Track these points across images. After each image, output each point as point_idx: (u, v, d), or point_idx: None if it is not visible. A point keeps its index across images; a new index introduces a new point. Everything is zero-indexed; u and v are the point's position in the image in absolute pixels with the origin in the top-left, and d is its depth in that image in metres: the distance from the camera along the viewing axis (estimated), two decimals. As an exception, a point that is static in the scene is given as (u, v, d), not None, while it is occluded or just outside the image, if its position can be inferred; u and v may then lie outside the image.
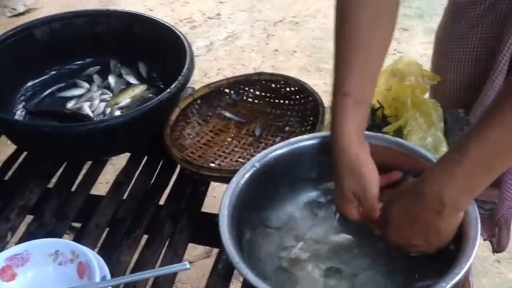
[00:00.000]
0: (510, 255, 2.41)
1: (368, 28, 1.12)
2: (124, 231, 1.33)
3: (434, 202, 1.00)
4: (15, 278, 1.16)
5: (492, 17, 1.42)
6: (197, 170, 1.36)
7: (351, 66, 1.13)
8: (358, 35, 1.13)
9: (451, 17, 1.54)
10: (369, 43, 1.13)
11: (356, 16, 1.13)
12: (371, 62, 1.14)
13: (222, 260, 1.24)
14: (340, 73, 1.14)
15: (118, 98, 1.67)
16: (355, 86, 1.12)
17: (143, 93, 1.67)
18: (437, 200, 1.00)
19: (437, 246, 1.06)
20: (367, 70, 1.14)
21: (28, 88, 1.69)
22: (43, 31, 1.68)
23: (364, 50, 1.13)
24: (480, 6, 1.44)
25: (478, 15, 1.45)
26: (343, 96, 1.12)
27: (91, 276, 1.11)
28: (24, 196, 1.43)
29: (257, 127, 1.55)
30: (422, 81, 1.48)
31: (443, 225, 1.03)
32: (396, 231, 1.08)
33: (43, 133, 1.40)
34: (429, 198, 1.00)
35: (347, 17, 1.14)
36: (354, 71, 1.13)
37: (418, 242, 1.06)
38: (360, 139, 1.13)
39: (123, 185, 1.45)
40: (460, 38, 1.50)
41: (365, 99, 1.15)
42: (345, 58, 1.14)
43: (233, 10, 4.06)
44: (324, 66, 3.48)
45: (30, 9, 4.15)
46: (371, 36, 1.13)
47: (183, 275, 2.37)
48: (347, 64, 1.13)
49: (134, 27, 1.70)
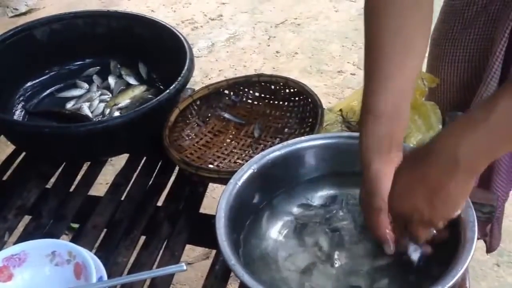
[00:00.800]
0: (510, 258, 2.41)
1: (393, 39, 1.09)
2: (122, 232, 1.33)
3: (447, 161, 0.91)
4: (12, 278, 1.16)
5: (485, 18, 1.43)
6: (196, 171, 1.35)
7: (373, 81, 1.11)
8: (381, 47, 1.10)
9: (445, 18, 1.54)
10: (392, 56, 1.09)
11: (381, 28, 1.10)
12: (396, 75, 1.10)
13: (219, 262, 1.24)
14: (364, 88, 1.12)
15: (118, 99, 1.67)
16: (377, 102, 1.09)
17: (143, 94, 1.67)
18: (451, 159, 0.91)
19: (442, 215, 0.98)
20: (391, 85, 1.10)
21: (28, 88, 1.69)
22: (43, 32, 1.69)
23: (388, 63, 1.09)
24: (472, 7, 1.44)
25: (470, 16, 1.45)
26: (366, 112, 1.10)
27: (87, 277, 1.11)
28: (22, 197, 1.43)
29: (256, 129, 1.55)
30: (421, 84, 1.48)
31: (453, 189, 0.93)
32: (400, 194, 1.00)
33: (42, 134, 1.40)
34: (442, 157, 0.92)
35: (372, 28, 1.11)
36: (376, 86, 1.10)
37: (423, 208, 0.97)
38: (383, 154, 1.08)
39: (121, 186, 1.45)
40: (453, 39, 1.51)
41: (390, 115, 1.09)
42: (368, 72, 1.11)
43: (235, 11, 4.06)
44: (325, 68, 3.47)
45: (32, 9, 4.15)
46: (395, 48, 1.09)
47: (181, 276, 2.37)
48: (369, 79, 1.11)
49: (134, 28, 1.70)
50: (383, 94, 1.09)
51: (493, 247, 1.67)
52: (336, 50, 3.62)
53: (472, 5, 1.44)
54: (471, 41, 1.47)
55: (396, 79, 1.09)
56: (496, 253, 2.40)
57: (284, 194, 1.26)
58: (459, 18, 1.48)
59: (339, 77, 3.37)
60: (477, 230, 1.05)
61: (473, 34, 1.46)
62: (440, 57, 1.56)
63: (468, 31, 1.47)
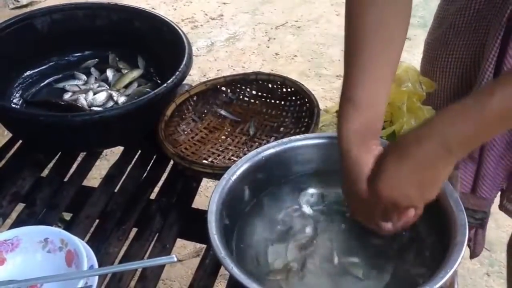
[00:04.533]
0: (500, 268, 2.42)
1: (373, 30, 1.11)
2: (114, 223, 1.34)
3: (437, 146, 0.96)
4: (4, 263, 1.17)
5: (477, 24, 1.44)
6: (190, 166, 1.36)
7: (353, 70, 1.12)
8: (361, 37, 1.12)
9: (439, 23, 1.56)
10: (372, 46, 1.11)
11: (361, 19, 1.12)
12: (376, 65, 1.12)
13: (209, 256, 1.24)
14: (344, 77, 1.14)
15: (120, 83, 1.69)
16: (356, 90, 1.11)
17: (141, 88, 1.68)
18: (441, 144, 0.95)
19: (427, 197, 1.03)
20: (371, 74, 1.12)
21: (26, 78, 1.70)
22: (43, 22, 1.69)
23: (368, 53, 1.11)
24: (465, 13, 1.45)
25: (463, 22, 1.46)
26: (345, 101, 1.12)
27: (79, 265, 1.12)
28: (17, 184, 1.44)
29: (252, 127, 1.56)
30: (419, 88, 1.49)
31: (441, 171, 0.99)
32: (389, 180, 1.01)
33: (37, 122, 1.41)
34: (433, 141, 0.96)
35: (352, 20, 1.14)
36: (355, 75, 1.12)
37: (413, 192, 1.01)
38: (362, 142, 1.10)
39: (115, 178, 1.46)
40: (446, 44, 1.52)
41: (369, 103, 1.11)
42: (348, 61, 1.14)
43: (236, 11, 4.07)
44: (323, 72, 3.49)
45: (33, 1, 4.16)
46: (375, 38, 1.12)
47: (172, 273, 2.38)
48: (349, 68, 1.13)
49: (133, 22, 1.71)
50: (361, 83, 1.11)
51: (477, 253, 1.67)
52: (336, 54, 3.62)
53: (465, 10, 1.45)
54: (463, 47, 1.48)
55: (375, 69, 1.12)
56: (487, 263, 2.42)
57: (277, 190, 1.27)
58: (452, 23, 1.49)
59: (337, 81, 3.38)
60: (467, 234, 1.06)
61: (466, 39, 1.47)
62: (432, 61, 1.58)
63: (460, 37, 1.48)
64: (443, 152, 0.96)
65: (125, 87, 1.70)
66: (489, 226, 2.42)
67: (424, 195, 1.03)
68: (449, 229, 1.07)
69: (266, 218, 1.24)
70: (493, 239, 2.50)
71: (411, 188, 1.01)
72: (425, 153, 0.97)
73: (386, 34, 1.12)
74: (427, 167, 0.98)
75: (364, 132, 1.11)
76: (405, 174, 1.00)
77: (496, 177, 1.53)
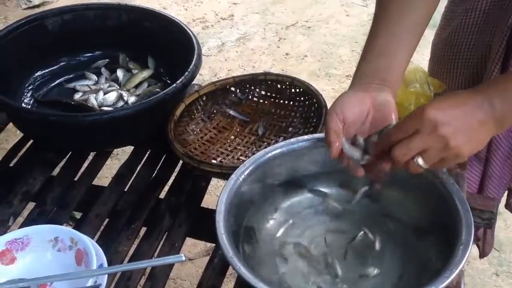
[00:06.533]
0: (509, 268, 2.41)
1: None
2: (124, 222, 1.35)
3: (491, 107, 1.03)
4: (14, 262, 1.18)
5: (484, 25, 1.44)
6: (198, 165, 1.37)
7: (373, 25, 1.27)
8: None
9: (446, 24, 1.56)
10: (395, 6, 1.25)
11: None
12: (394, 22, 1.25)
13: (218, 255, 1.25)
14: (368, 34, 1.27)
15: (131, 83, 1.70)
16: (371, 39, 1.26)
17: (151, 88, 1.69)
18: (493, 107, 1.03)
19: (470, 152, 1.07)
20: (388, 28, 1.25)
21: (37, 78, 1.71)
22: (54, 22, 1.70)
23: (389, 11, 1.26)
24: (472, 14, 1.45)
25: (469, 22, 1.47)
26: (362, 51, 1.26)
27: (88, 264, 1.13)
28: (28, 183, 1.45)
29: (261, 127, 1.56)
30: (427, 89, 1.49)
31: (489, 132, 1.05)
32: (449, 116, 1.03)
33: (47, 122, 1.42)
34: (487, 102, 1.03)
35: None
36: (373, 29, 1.26)
37: (459, 143, 1.03)
38: (363, 82, 1.20)
39: (125, 177, 1.47)
40: (452, 44, 1.52)
41: (381, 52, 1.23)
42: (374, 18, 1.28)
43: (246, 12, 4.07)
44: (333, 72, 3.48)
45: (45, 2, 4.18)
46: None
47: (182, 272, 2.39)
48: (372, 25, 1.27)
49: (144, 22, 1.72)
50: (377, 35, 1.25)
51: (486, 252, 1.67)
52: (346, 54, 3.62)
53: (471, 12, 1.45)
54: (470, 48, 1.48)
55: (393, 26, 1.24)
56: (496, 262, 2.42)
57: (285, 190, 1.28)
58: (459, 24, 1.50)
59: (347, 81, 3.37)
60: (473, 234, 1.06)
61: (472, 40, 1.47)
62: (439, 62, 1.58)
63: (467, 37, 1.48)
64: (493, 114, 1.03)
65: (135, 87, 1.71)
66: (498, 226, 2.43)
67: (467, 150, 1.05)
68: (456, 229, 1.07)
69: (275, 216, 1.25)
70: (503, 239, 2.50)
71: (463, 130, 1.03)
72: (480, 110, 1.03)
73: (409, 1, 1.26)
74: (478, 120, 1.03)
75: (369, 75, 1.21)
76: (461, 117, 1.03)
77: (503, 176, 1.53)
